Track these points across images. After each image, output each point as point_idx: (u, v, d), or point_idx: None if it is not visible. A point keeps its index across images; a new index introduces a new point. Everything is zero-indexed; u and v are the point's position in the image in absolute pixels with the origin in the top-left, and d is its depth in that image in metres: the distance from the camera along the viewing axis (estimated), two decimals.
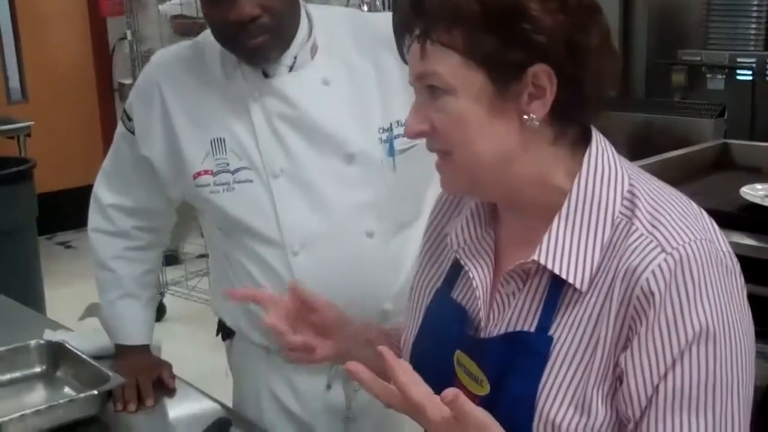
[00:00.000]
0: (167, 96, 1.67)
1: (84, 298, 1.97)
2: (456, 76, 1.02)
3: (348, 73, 1.64)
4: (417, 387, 1.01)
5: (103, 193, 1.84)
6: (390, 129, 1.63)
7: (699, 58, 3.82)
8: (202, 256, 5.00)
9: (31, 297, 3.91)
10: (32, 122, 5.45)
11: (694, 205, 1.08)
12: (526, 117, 1.03)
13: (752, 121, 3.59)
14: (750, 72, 3.60)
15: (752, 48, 3.69)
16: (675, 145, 3.18)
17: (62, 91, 6.47)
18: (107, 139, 6.61)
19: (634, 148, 3.37)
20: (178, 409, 1.75)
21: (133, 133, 1.73)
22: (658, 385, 0.99)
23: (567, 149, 1.08)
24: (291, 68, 1.62)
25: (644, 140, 3.46)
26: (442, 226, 1.27)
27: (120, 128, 1.79)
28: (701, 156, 3.17)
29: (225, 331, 1.85)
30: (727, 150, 3.26)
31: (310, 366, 1.68)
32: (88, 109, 6.65)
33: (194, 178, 1.65)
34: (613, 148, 1.11)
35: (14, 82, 6.36)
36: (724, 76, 3.73)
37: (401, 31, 1.09)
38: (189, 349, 3.74)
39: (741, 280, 1.04)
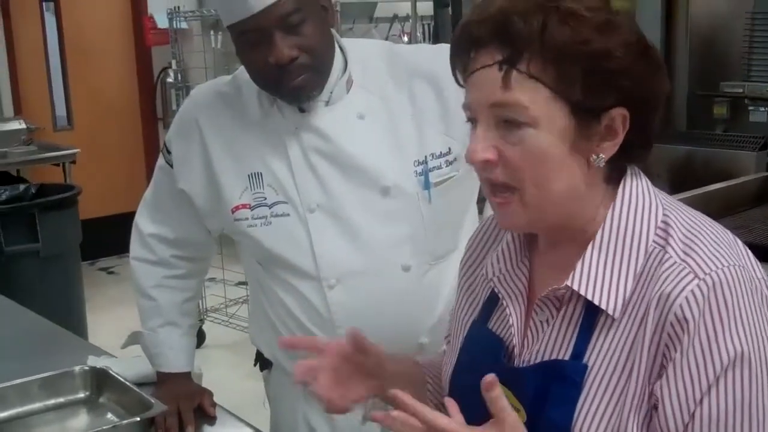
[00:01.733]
0: (205, 131, 1.70)
1: (125, 324, 2.00)
2: (543, 110, 1.02)
3: (383, 107, 1.66)
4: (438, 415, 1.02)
5: (144, 222, 1.87)
6: (425, 162, 1.64)
7: (741, 90, 3.79)
8: (241, 283, 5.03)
9: (74, 322, 3.97)
10: (78, 149, 5.54)
11: (729, 233, 1.09)
12: (594, 157, 1.04)
13: None
14: None
15: None
16: (717, 178, 3.17)
17: (107, 119, 6.59)
18: (150, 167, 6.70)
19: (676, 180, 3.36)
20: None
21: (171, 166, 1.77)
22: (694, 412, 0.99)
23: (613, 185, 1.10)
24: (327, 103, 1.64)
25: (686, 173, 3.44)
26: (480, 259, 1.28)
27: (160, 160, 1.83)
28: (743, 189, 3.15)
29: (262, 362, 1.87)
30: None
31: None
32: (132, 137, 6.76)
33: (233, 212, 1.68)
34: (648, 179, 1.13)
35: (60, 109, 6.49)
36: (766, 109, 3.69)
37: (466, 51, 1.07)
38: (228, 376, 3.76)
39: None
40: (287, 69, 1.55)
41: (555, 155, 1.03)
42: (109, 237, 5.75)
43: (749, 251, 1.07)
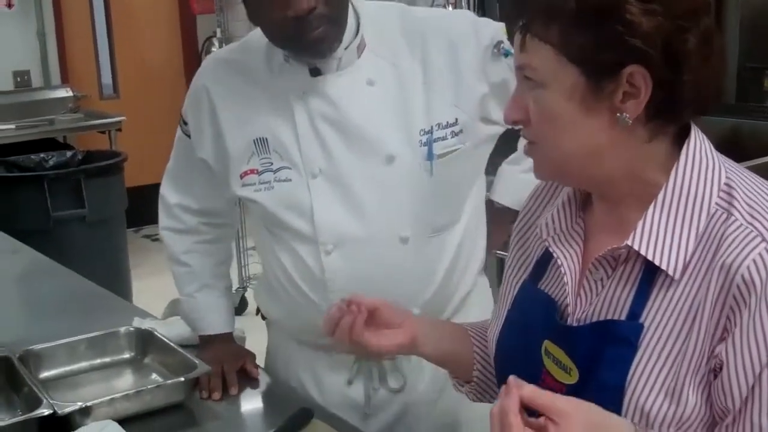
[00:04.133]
0: (215, 98, 1.70)
1: (169, 290, 2.02)
2: (549, 70, 1.04)
3: (394, 73, 1.63)
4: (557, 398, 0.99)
5: (168, 193, 1.89)
6: (431, 131, 1.61)
7: None
8: None
9: (119, 287, 4.03)
10: (124, 117, 5.60)
11: None
12: (618, 115, 1.03)
13: None
14: None
15: None
16: (764, 152, 3.11)
17: (152, 88, 6.63)
18: None
19: (723, 152, 3.30)
20: (260, 398, 1.79)
21: (189, 136, 1.78)
22: (760, 374, 0.99)
23: (665, 146, 1.09)
24: (337, 67, 1.61)
25: (733, 145, 3.39)
26: (533, 220, 1.29)
27: (178, 131, 1.84)
28: None
29: (263, 314, 1.90)
30: None
31: (334, 362, 1.73)
32: (176, 106, 6.72)
33: (241, 177, 1.68)
34: (710, 143, 1.11)
35: (107, 78, 6.55)
36: None
37: (508, 23, 1.13)
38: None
39: None
40: (306, 20, 1.52)
41: (564, 114, 1.05)
42: (154, 205, 5.84)
43: None
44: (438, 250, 1.67)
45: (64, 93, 5.83)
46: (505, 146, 1.80)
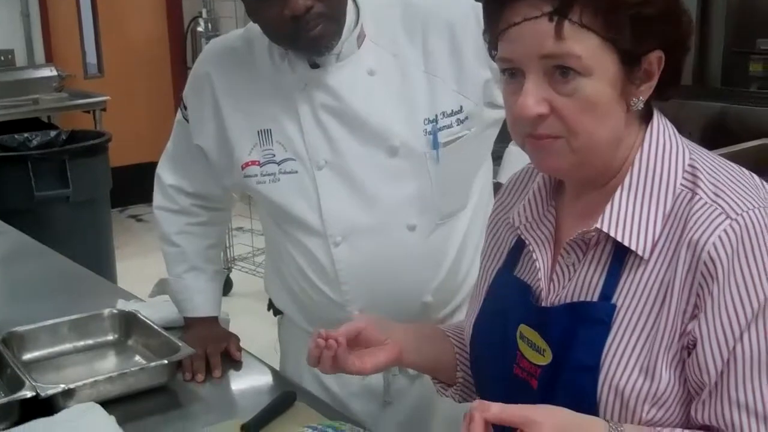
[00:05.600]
0: (217, 87, 1.69)
1: (154, 271, 2.02)
2: (595, 58, 1.02)
3: (395, 62, 1.62)
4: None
5: (164, 173, 1.88)
6: (435, 120, 1.60)
7: None
8: None
9: (103, 267, 4.02)
10: (108, 97, 5.56)
11: (755, 176, 1.09)
12: (634, 99, 1.05)
13: None
14: None
15: None
16: (750, 136, 3.13)
17: (137, 68, 6.60)
18: None
19: (709, 137, 3.32)
20: (243, 381, 1.78)
21: (188, 121, 1.77)
22: (734, 348, 1.00)
23: (641, 127, 1.11)
24: (337, 58, 1.60)
25: (719, 129, 3.40)
26: (506, 210, 1.29)
27: (178, 115, 1.83)
28: None
29: (275, 308, 1.89)
30: None
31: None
32: (161, 86, 6.77)
33: (242, 168, 1.67)
34: (672, 125, 1.13)
35: (91, 57, 6.50)
36: None
37: (498, 8, 1.06)
38: (253, 323, 3.79)
39: None
40: (304, 19, 1.51)
41: (605, 102, 1.04)
42: (139, 185, 5.77)
43: None
44: (446, 236, 1.67)
45: (49, 72, 5.78)
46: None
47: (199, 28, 6.30)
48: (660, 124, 1.11)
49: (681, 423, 1.05)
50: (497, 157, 1.83)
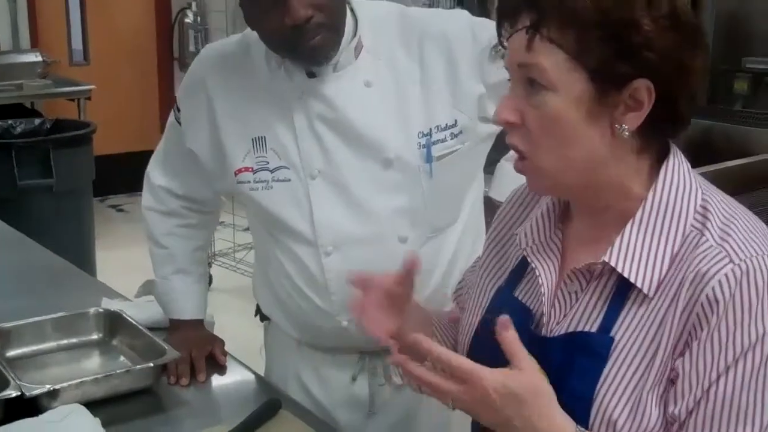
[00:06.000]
0: (212, 92, 1.69)
1: (133, 263, 2.03)
2: (560, 74, 1.03)
3: (391, 74, 1.62)
4: (462, 358, 1.05)
5: (155, 174, 1.88)
6: (429, 134, 1.61)
7: (763, 67, 3.77)
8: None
9: (83, 258, 4.01)
10: (93, 86, 5.53)
11: (762, 223, 1.10)
12: (618, 126, 1.05)
13: None
14: None
15: None
16: (735, 155, 3.15)
17: (123, 57, 6.58)
18: (164, 107, 6.74)
19: (693, 154, 3.34)
20: (228, 385, 1.79)
21: (180, 124, 1.77)
22: (708, 389, 1.01)
23: (649, 161, 1.10)
24: (335, 69, 1.61)
25: (704, 147, 3.43)
26: (509, 227, 1.30)
27: (171, 117, 1.83)
28: (761, 167, 3.14)
29: (262, 314, 1.89)
30: None
31: (337, 360, 1.74)
32: (147, 76, 6.75)
33: (235, 174, 1.68)
34: (688, 163, 1.13)
35: (77, 44, 6.46)
36: None
37: (505, 17, 1.09)
38: (233, 320, 3.78)
39: None
40: (304, 29, 1.51)
41: (569, 120, 1.04)
42: (120, 175, 5.78)
43: None
44: (437, 249, 1.68)
45: (34, 58, 5.73)
46: (503, 142, 1.80)
47: (187, 20, 6.29)
48: (676, 160, 1.11)
49: None
50: (489, 171, 1.84)
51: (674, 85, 1.04)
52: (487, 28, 1.65)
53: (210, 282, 4.76)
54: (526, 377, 1.03)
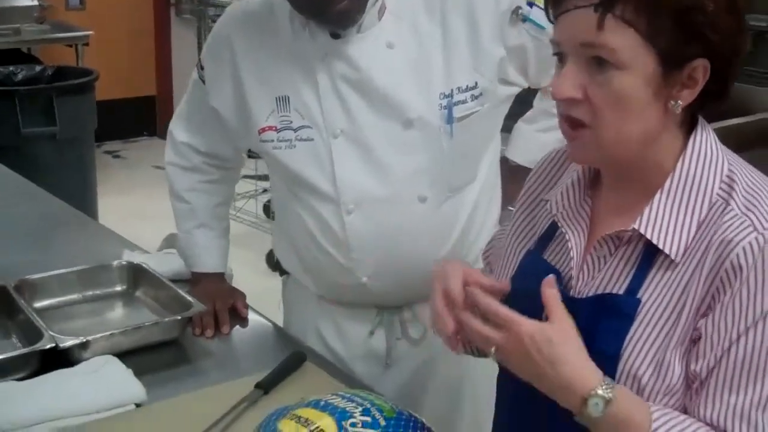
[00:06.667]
0: (237, 51, 1.72)
1: (131, 209, 2.06)
2: (632, 55, 1.07)
3: (414, 37, 1.65)
4: (498, 304, 1.12)
5: (177, 130, 1.92)
6: (450, 95, 1.64)
7: (765, 24, 3.79)
8: (247, 176, 5.06)
9: (86, 206, 4.02)
10: (91, 32, 5.50)
11: None
12: (673, 102, 1.09)
13: None
14: None
15: None
16: (735, 113, 3.19)
17: (118, 1, 6.51)
18: (159, 53, 6.70)
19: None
20: (250, 338, 1.85)
21: (204, 82, 1.80)
22: (729, 348, 1.08)
23: (684, 133, 1.16)
24: (358, 30, 1.63)
25: None
26: (538, 192, 1.35)
27: (194, 74, 1.85)
28: (761, 125, 3.19)
29: (281, 268, 1.94)
30: None
31: (356, 314, 1.79)
32: (142, 22, 6.70)
33: (259, 133, 1.71)
34: (715, 134, 1.18)
35: None
36: None
37: None
38: (237, 270, 3.85)
39: None
40: None
41: (638, 99, 1.09)
42: (116, 121, 5.79)
43: None
44: (455, 208, 1.72)
45: (30, 1, 5.69)
46: (520, 104, 1.84)
47: None
48: (704, 133, 1.16)
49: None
50: (506, 129, 1.88)
51: (726, 65, 1.10)
52: None
53: None
54: (559, 326, 1.09)
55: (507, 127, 1.87)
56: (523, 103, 1.86)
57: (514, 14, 1.65)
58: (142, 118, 6.66)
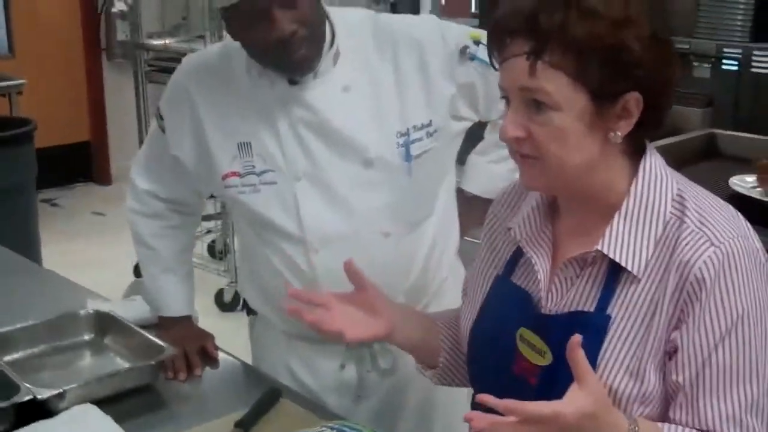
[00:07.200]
0: (197, 101, 1.77)
1: (75, 255, 2.06)
2: (563, 95, 1.16)
3: (368, 78, 1.72)
4: (539, 404, 1.10)
5: (138, 178, 1.96)
6: (407, 134, 1.72)
7: (687, 47, 3.95)
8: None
9: (32, 254, 3.97)
10: (25, 80, 5.46)
11: (730, 207, 1.26)
12: (612, 134, 1.19)
13: (735, 111, 3.73)
14: (736, 63, 3.74)
15: (738, 39, 3.82)
16: (663, 134, 3.33)
17: (49, 48, 6.46)
18: (92, 100, 6.65)
19: None
20: (225, 379, 1.88)
21: (164, 131, 1.84)
22: (709, 357, 1.17)
23: (630, 159, 1.25)
24: (315, 76, 1.69)
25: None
26: (501, 221, 1.43)
27: (153, 124, 1.90)
28: (689, 145, 3.32)
29: (248, 308, 1.98)
30: (714, 140, 3.43)
31: (326, 349, 1.83)
32: (74, 68, 6.66)
33: (223, 179, 1.76)
34: (662, 159, 1.28)
35: (1, 36, 6.33)
36: (710, 66, 3.86)
37: (499, 41, 1.21)
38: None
39: None
40: (288, 43, 1.59)
41: (575, 134, 1.19)
42: (51, 169, 5.71)
43: (748, 223, 1.25)
44: (417, 241, 1.79)
45: None
46: (472, 138, 1.93)
47: (114, 9, 6.23)
48: (653, 157, 1.26)
49: (662, 417, 1.21)
50: (460, 161, 1.96)
51: (658, 95, 1.20)
52: (453, 31, 1.77)
53: None
54: (595, 396, 1.12)
55: (460, 159, 1.94)
56: (473, 134, 1.93)
57: (461, 53, 1.74)
58: (77, 164, 6.62)
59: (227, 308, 4.29)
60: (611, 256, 1.22)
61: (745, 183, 2.79)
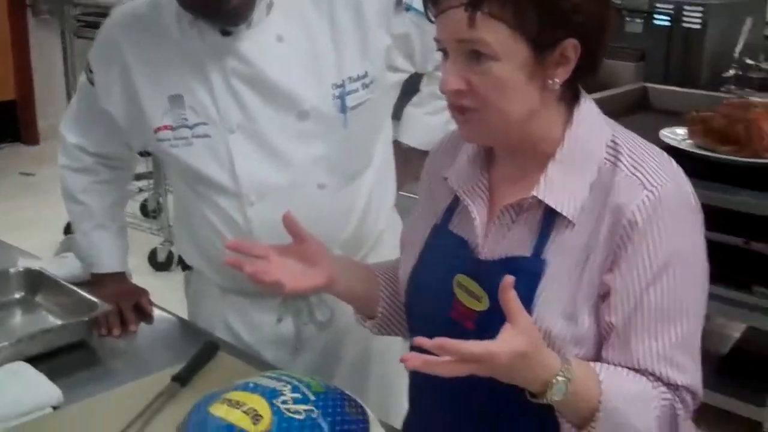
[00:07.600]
0: (126, 54, 1.72)
1: (1, 218, 2.00)
2: (503, 45, 1.16)
3: (303, 29, 1.70)
4: (472, 344, 1.10)
5: (67, 133, 1.91)
6: (343, 85, 1.70)
7: (619, 1, 3.98)
8: None
9: None
10: None
11: (665, 153, 1.28)
12: (550, 81, 1.19)
13: (667, 65, 3.79)
14: (668, 18, 3.78)
15: None
16: (596, 88, 3.37)
17: None
18: (18, 57, 6.47)
19: None
20: (161, 334, 1.86)
21: (93, 84, 1.80)
22: (641, 298, 1.19)
23: (567, 106, 1.26)
24: (248, 26, 1.66)
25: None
26: (436, 171, 1.43)
27: (83, 77, 1.85)
28: (622, 99, 3.37)
29: (184, 264, 1.96)
30: (646, 93, 3.48)
31: (263, 303, 1.83)
32: None
33: (155, 132, 1.72)
34: (595, 104, 1.29)
35: None
36: (642, 20, 3.90)
37: None
38: None
39: (701, 216, 1.25)
40: None
41: (515, 83, 1.18)
42: None
43: (680, 168, 1.26)
44: (353, 193, 1.78)
45: None
46: (408, 89, 1.92)
47: None
48: (586, 105, 1.27)
49: (595, 358, 1.23)
50: (396, 116, 1.95)
51: (595, 41, 1.20)
52: None
53: None
54: (527, 336, 1.12)
55: (396, 115, 1.94)
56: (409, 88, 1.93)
57: (397, 4, 1.73)
58: (3, 124, 6.44)
59: (161, 267, 4.25)
60: (546, 201, 1.23)
61: (676, 135, 2.84)
